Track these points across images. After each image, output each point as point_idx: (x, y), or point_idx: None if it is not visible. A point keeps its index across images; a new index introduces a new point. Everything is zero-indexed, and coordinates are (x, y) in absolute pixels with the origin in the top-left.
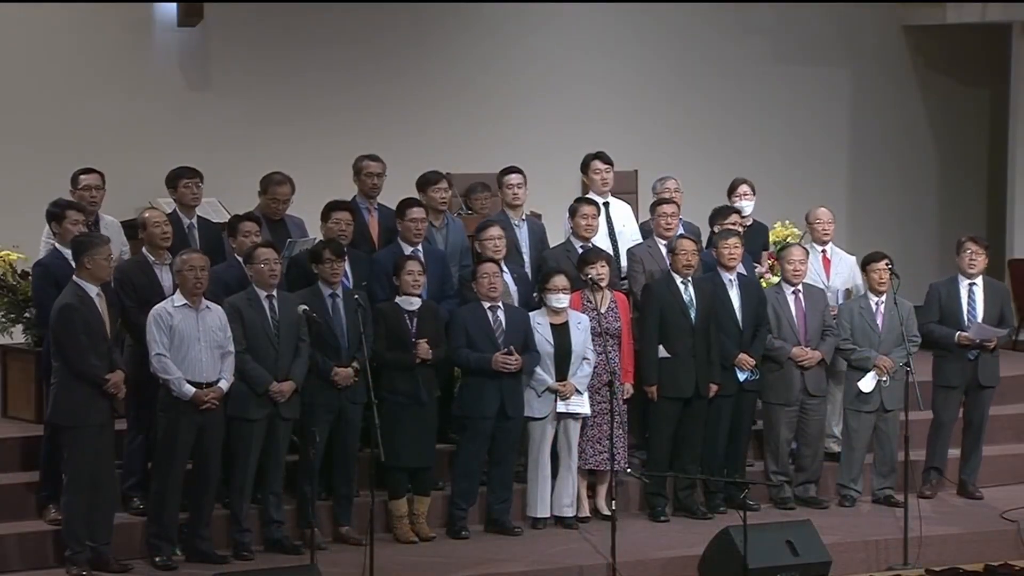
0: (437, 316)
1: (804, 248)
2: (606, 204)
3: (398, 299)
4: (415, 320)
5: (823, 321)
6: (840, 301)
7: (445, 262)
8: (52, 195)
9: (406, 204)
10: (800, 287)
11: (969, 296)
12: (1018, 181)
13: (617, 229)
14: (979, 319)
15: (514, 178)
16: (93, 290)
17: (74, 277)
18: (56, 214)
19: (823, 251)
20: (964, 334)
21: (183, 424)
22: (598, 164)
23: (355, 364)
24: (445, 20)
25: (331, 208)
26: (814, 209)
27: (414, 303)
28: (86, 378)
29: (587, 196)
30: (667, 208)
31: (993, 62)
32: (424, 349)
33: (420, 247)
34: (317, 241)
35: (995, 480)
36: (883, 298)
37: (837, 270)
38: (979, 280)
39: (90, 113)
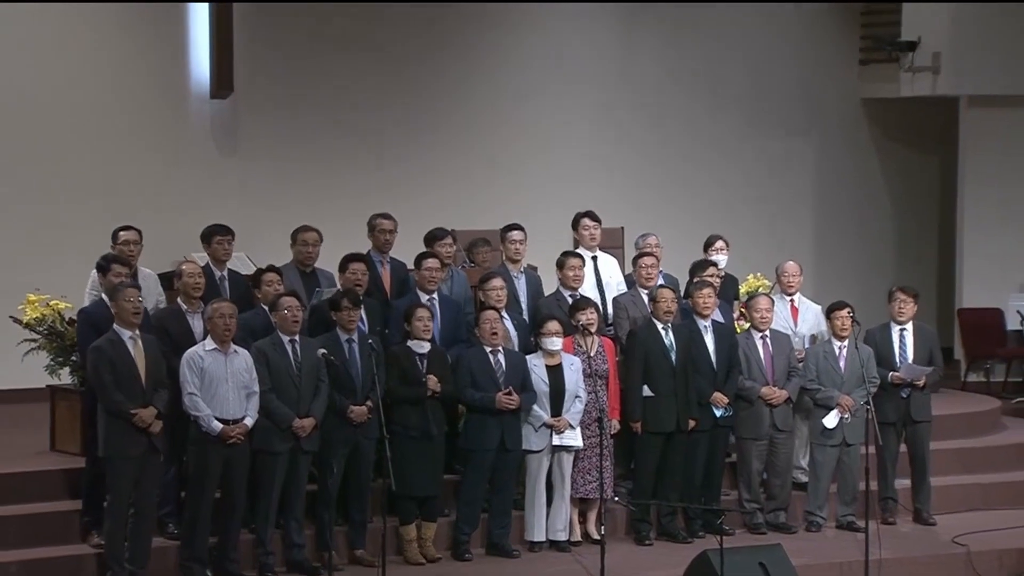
0: (445, 359)
1: (770, 298)
2: (594, 258)
3: (410, 342)
4: (425, 362)
5: (789, 363)
6: (807, 346)
7: (459, 309)
8: (96, 250)
9: (423, 256)
10: (767, 333)
11: (900, 340)
12: (966, 239)
13: (604, 280)
14: (909, 361)
15: (517, 235)
16: (126, 334)
17: (114, 323)
18: (103, 267)
19: (791, 300)
20: (896, 374)
21: (212, 457)
22: (587, 221)
23: (369, 403)
24: (449, 92)
25: (348, 260)
26: (783, 263)
27: (424, 346)
28: (112, 412)
29: (575, 250)
30: (647, 260)
31: (943, 131)
32: (434, 382)
33: (436, 295)
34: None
35: (947, 508)
36: (845, 343)
37: (804, 317)
38: (909, 326)
39: (131, 176)
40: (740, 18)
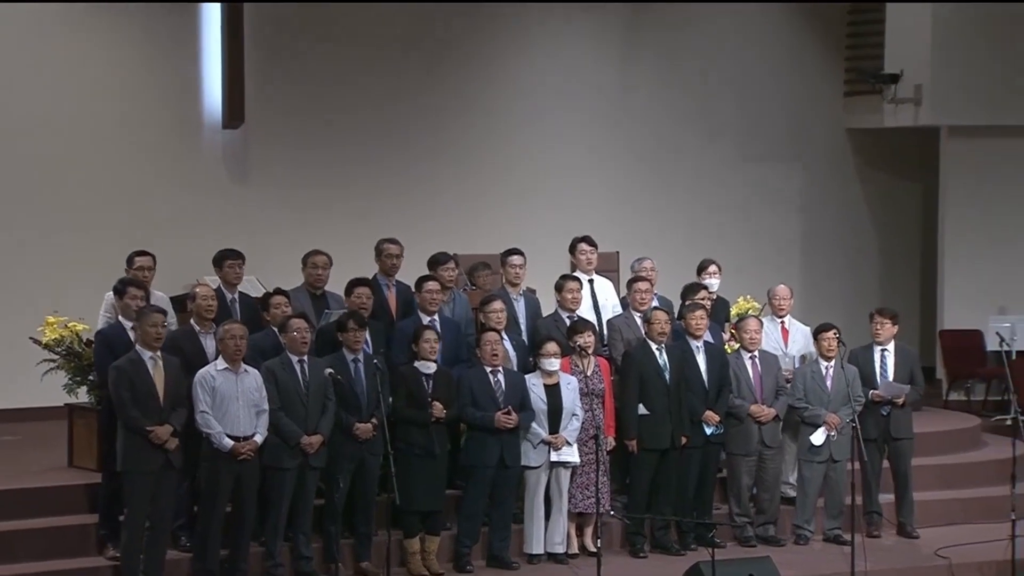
0: (450, 379)
1: (759, 320)
2: (591, 281)
3: (416, 363)
4: (431, 382)
5: (776, 382)
6: (797, 366)
7: (460, 330)
8: (112, 274)
9: (423, 279)
10: (756, 353)
11: (881, 360)
12: (947, 263)
13: (600, 303)
14: (890, 380)
15: (517, 259)
16: (147, 355)
17: (137, 344)
18: (120, 290)
19: (782, 322)
20: (876, 392)
21: (223, 472)
22: (584, 246)
23: (374, 420)
24: (451, 123)
25: (353, 284)
26: (774, 286)
27: (430, 367)
28: (129, 428)
29: (572, 274)
30: (641, 285)
31: (924, 160)
32: (439, 408)
33: (437, 317)
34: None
35: (929, 522)
36: (832, 363)
37: (794, 339)
38: (890, 346)
39: (145, 202)
40: (731, 52)
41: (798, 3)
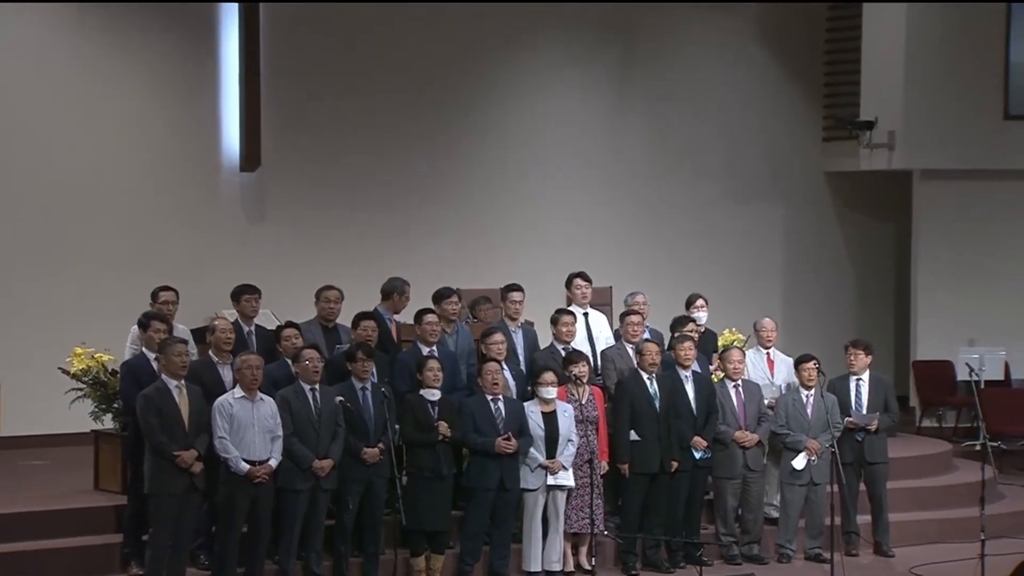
0: (453, 406)
1: (742, 351)
2: (586, 314)
3: (422, 391)
4: (436, 408)
5: (759, 410)
6: (784, 394)
7: (456, 361)
8: (136, 308)
9: (422, 312)
10: (739, 382)
11: (856, 389)
12: (920, 299)
13: (595, 334)
14: (864, 408)
15: (517, 295)
16: (172, 383)
17: (162, 374)
18: (144, 323)
19: (767, 353)
20: (849, 419)
21: (239, 495)
22: (579, 281)
23: (381, 445)
24: (455, 167)
25: (359, 318)
26: (760, 319)
27: (435, 394)
28: (156, 452)
29: (568, 308)
30: (633, 318)
31: (898, 202)
32: (444, 427)
33: (435, 347)
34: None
35: (904, 541)
36: (812, 392)
37: (779, 369)
38: (865, 376)
39: (168, 240)
40: (716, 100)
41: (779, 53)
